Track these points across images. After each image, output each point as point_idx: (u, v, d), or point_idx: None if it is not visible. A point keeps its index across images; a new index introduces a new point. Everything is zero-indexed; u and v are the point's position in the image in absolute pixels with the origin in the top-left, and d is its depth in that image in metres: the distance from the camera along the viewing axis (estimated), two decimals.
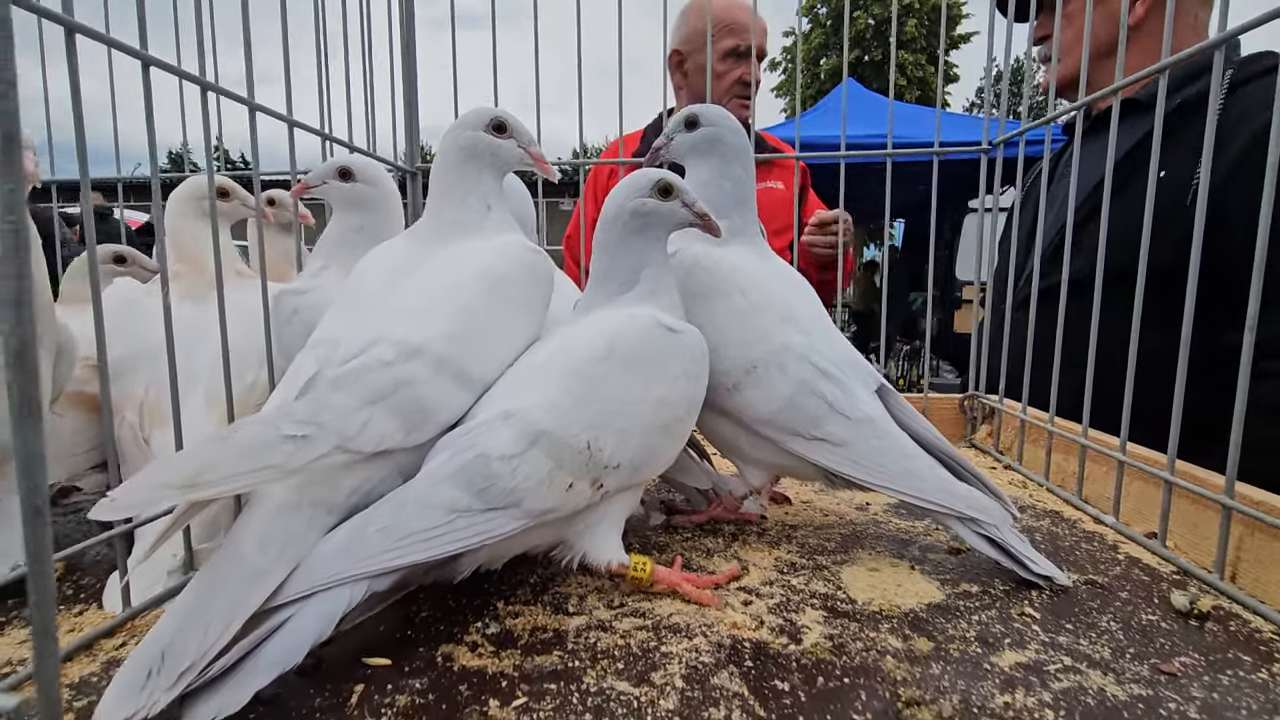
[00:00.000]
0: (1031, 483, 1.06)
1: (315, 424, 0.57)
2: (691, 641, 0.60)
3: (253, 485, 0.54)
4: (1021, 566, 0.69)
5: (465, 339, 0.67)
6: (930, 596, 0.68)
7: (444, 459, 0.62)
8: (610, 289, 0.73)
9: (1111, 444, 0.90)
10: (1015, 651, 0.58)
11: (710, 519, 0.90)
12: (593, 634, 0.61)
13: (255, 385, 0.89)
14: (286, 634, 0.52)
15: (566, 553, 0.68)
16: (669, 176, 0.73)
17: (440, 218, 0.76)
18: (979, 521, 0.72)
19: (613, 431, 0.64)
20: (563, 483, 0.62)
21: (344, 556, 0.55)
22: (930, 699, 0.51)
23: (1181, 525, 0.79)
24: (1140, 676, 0.54)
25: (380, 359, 0.62)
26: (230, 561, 0.55)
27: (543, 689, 0.53)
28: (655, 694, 0.52)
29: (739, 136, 0.88)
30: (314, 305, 0.84)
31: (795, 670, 0.55)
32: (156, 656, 0.49)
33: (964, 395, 1.30)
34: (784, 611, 0.65)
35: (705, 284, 0.81)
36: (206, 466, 0.52)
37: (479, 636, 0.61)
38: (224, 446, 0.54)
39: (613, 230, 0.73)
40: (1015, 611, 0.65)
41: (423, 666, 0.57)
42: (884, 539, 0.84)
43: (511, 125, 0.77)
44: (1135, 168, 0.85)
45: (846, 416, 0.75)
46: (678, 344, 0.69)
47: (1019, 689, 0.52)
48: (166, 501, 0.51)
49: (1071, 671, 0.55)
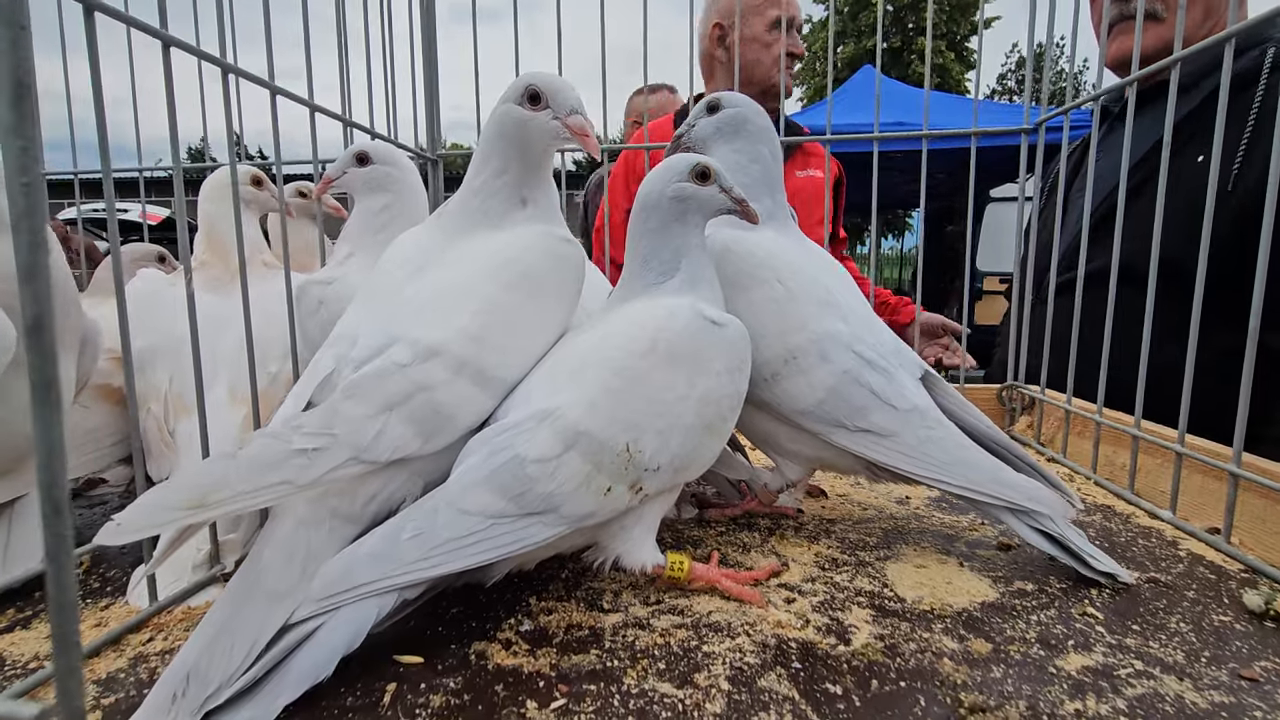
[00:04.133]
0: (1078, 475, 1.02)
1: (327, 435, 0.55)
2: (734, 641, 0.57)
3: (265, 502, 0.52)
4: (1081, 563, 0.66)
5: (486, 338, 0.64)
6: (983, 595, 0.65)
7: (477, 461, 0.59)
8: (648, 278, 0.70)
9: (1167, 435, 0.86)
10: (1081, 654, 0.54)
11: (744, 513, 0.87)
12: (630, 632, 0.59)
13: (279, 377, 0.87)
14: (315, 646, 0.51)
15: (599, 554, 0.65)
16: (707, 160, 0.70)
17: (466, 204, 0.73)
18: (1036, 515, 0.68)
19: (653, 432, 0.61)
20: (601, 486, 0.59)
21: (375, 566, 0.53)
22: (994, 705, 0.48)
23: (1248, 520, 0.74)
24: (1219, 682, 0.51)
25: (396, 361, 0.60)
26: (253, 580, 0.54)
27: (582, 690, 0.51)
28: (700, 696, 0.50)
29: (763, 118, 0.84)
30: (340, 296, 0.82)
31: (847, 673, 0.53)
32: (182, 680, 0.48)
33: (1003, 385, 1.26)
34: (829, 610, 0.62)
35: (740, 271, 0.77)
36: (215, 485, 0.50)
37: (512, 634, 0.59)
38: (233, 463, 0.52)
39: (651, 217, 0.70)
40: (1076, 611, 0.61)
41: (456, 665, 0.55)
42: (928, 534, 0.81)
43: (548, 93, 0.68)
44: (1172, 153, 0.81)
45: (894, 406, 0.71)
46: (721, 338, 0.66)
47: (1089, 695, 0.49)
48: (176, 523, 0.50)
49: (1144, 676, 0.51)
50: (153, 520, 0.49)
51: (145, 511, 0.49)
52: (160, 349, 0.85)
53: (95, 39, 0.56)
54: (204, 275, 0.92)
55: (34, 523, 0.71)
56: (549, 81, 0.69)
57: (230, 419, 0.82)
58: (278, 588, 0.53)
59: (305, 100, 0.88)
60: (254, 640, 0.50)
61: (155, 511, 0.49)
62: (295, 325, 0.79)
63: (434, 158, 1.40)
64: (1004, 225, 5.97)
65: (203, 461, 0.64)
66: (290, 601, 0.53)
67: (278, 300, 0.78)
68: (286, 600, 0.53)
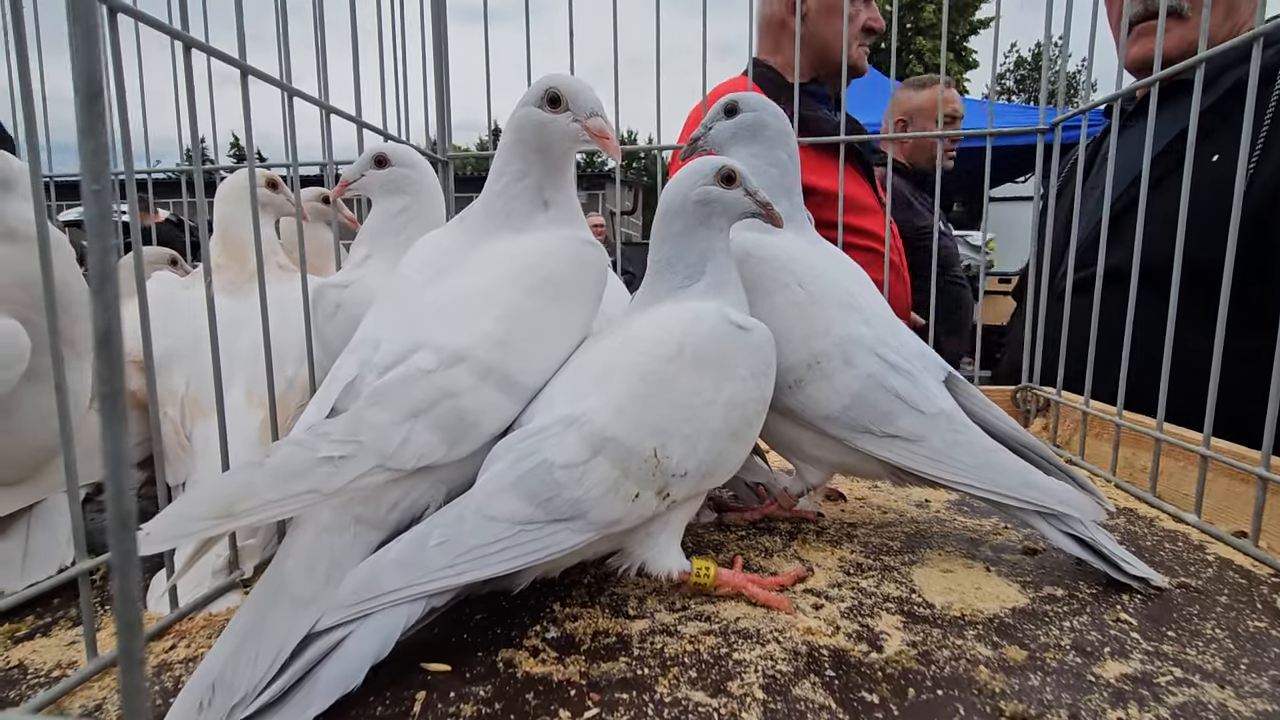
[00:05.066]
0: (1098, 478, 1.01)
1: (353, 443, 0.54)
2: (765, 648, 0.56)
3: (292, 511, 0.52)
4: (1114, 567, 0.65)
5: (511, 343, 0.63)
6: (1013, 600, 0.64)
7: (503, 467, 0.58)
8: (673, 282, 0.69)
9: (1189, 437, 0.85)
10: (1118, 662, 0.54)
11: (764, 517, 0.87)
12: (658, 639, 0.58)
13: (295, 380, 0.86)
14: (343, 656, 0.50)
15: (624, 561, 0.64)
16: (732, 163, 0.69)
17: (488, 207, 0.72)
18: (1066, 518, 0.67)
19: (680, 437, 0.60)
20: (629, 492, 0.59)
21: (403, 573, 0.53)
22: (1036, 714, 0.47)
23: (1274, 523, 0.74)
24: (1261, 690, 0.50)
25: (421, 368, 0.59)
26: (276, 587, 0.53)
27: (614, 699, 0.50)
28: (735, 706, 0.49)
29: (781, 121, 0.83)
30: (357, 299, 0.81)
31: (882, 680, 0.52)
32: (207, 689, 0.47)
33: (1017, 387, 1.25)
34: (858, 616, 0.62)
35: (762, 275, 0.77)
36: (242, 494, 0.50)
37: (539, 641, 0.58)
38: (259, 472, 0.51)
39: (676, 220, 0.69)
40: (1109, 617, 0.61)
41: (484, 673, 0.54)
42: (951, 538, 0.80)
43: (568, 95, 0.68)
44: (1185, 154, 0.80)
45: (920, 410, 0.71)
46: (747, 342, 0.65)
47: (1131, 703, 0.48)
48: (203, 533, 0.49)
49: (1185, 684, 0.51)
50: (180, 530, 0.48)
51: (173, 521, 0.48)
52: (176, 352, 0.84)
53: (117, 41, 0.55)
54: (220, 278, 0.91)
55: (52, 529, 0.71)
56: (569, 84, 0.69)
57: (248, 422, 0.82)
58: (302, 594, 0.53)
59: (320, 101, 0.87)
60: (279, 648, 0.50)
61: (183, 521, 0.48)
62: (311, 328, 0.78)
63: (444, 159, 1.39)
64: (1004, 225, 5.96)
65: (229, 470, 0.63)
66: (315, 608, 0.52)
67: (294, 303, 0.78)
68: (311, 607, 0.52)
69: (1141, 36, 1.30)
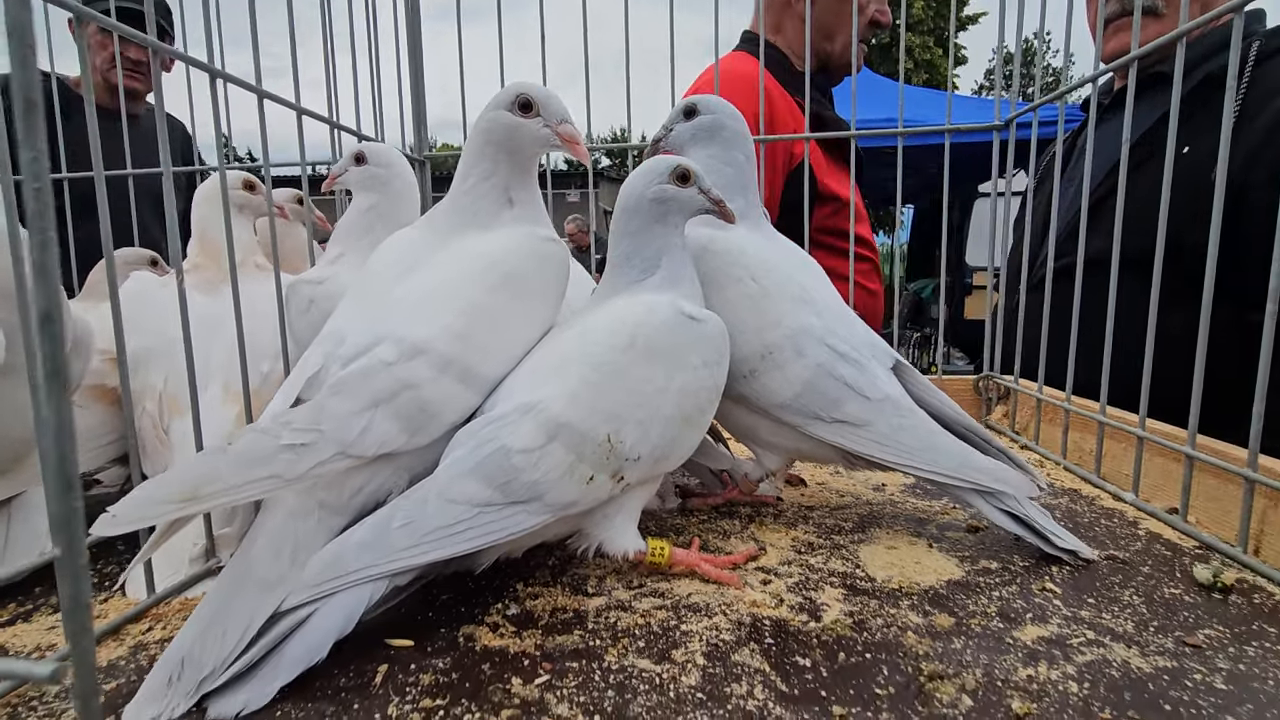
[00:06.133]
0: (1049, 461, 1.05)
1: (315, 431, 0.57)
2: (711, 620, 0.60)
3: (255, 495, 0.54)
4: (1045, 541, 0.69)
5: (471, 336, 0.66)
6: (950, 573, 0.68)
7: (464, 453, 0.61)
8: (630, 276, 0.72)
9: (1130, 420, 0.89)
10: (1037, 626, 0.58)
11: (726, 502, 0.90)
12: (613, 614, 0.62)
13: (270, 376, 0.89)
14: (309, 632, 0.53)
15: (583, 542, 0.68)
16: (686, 163, 0.72)
17: (456, 205, 0.75)
18: (1002, 496, 0.71)
19: (633, 423, 0.64)
20: (584, 475, 0.62)
21: (367, 553, 0.56)
22: (953, 673, 0.51)
23: (1203, 500, 0.78)
24: (1165, 649, 0.54)
25: (382, 359, 0.62)
26: (244, 570, 0.56)
27: (565, 667, 0.53)
28: (677, 671, 0.52)
29: (739, 123, 0.87)
30: (330, 294, 0.84)
31: (816, 647, 0.55)
32: (177, 664, 0.50)
33: (979, 376, 1.29)
34: (803, 590, 0.65)
35: (716, 269, 0.80)
36: (206, 478, 0.52)
37: (500, 618, 0.61)
38: (223, 458, 0.54)
39: (634, 218, 0.72)
40: (1036, 587, 0.64)
41: (445, 647, 0.57)
42: (901, 518, 0.84)
43: (539, 102, 0.71)
44: (1158, 145, 0.83)
45: (866, 397, 0.74)
46: (700, 333, 0.68)
47: (1042, 662, 0.52)
48: (168, 515, 0.52)
49: (1095, 645, 0.55)
50: (146, 512, 0.51)
51: (139, 504, 0.51)
52: (154, 349, 0.86)
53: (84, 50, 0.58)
54: (197, 277, 0.94)
55: (32, 519, 0.73)
56: (539, 91, 0.73)
57: (224, 416, 0.84)
58: (268, 577, 0.56)
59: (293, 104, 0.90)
60: (246, 626, 0.52)
61: (148, 504, 0.51)
62: (285, 324, 0.81)
63: (420, 158, 1.42)
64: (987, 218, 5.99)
65: (194, 456, 0.66)
66: (281, 590, 0.55)
67: (269, 301, 0.80)
68: (277, 588, 0.55)
69: (1118, 32, 1.32)
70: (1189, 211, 0.76)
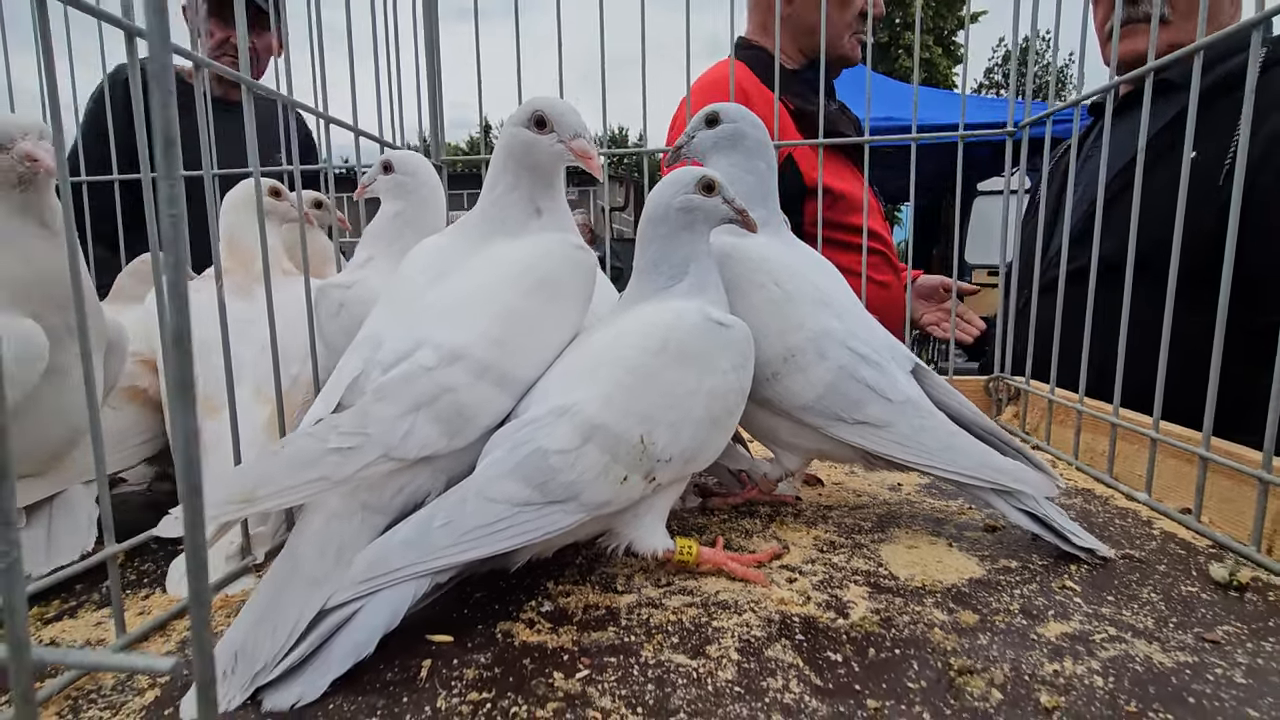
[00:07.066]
0: (1061, 462, 1.07)
1: (361, 434, 0.59)
2: (741, 617, 0.62)
3: (305, 497, 0.57)
4: (1063, 539, 0.71)
5: (507, 341, 0.67)
6: (970, 572, 0.70)
7: (502, 454, 0.63)
8: (658, 282, 0.74)
9: (1143, 422, 0.91)
10: (1060, 623, 0.59)
11: (745, 501, 0.92)
12: (644, 610, 0.63)
13: (299, 379, 0.91)
14: (356, 628, 0.55)
15: (613, 541, 0.69)
16: (710, 174, 0.74)
17: (485, 214, 0.77)
18: (1020, 495, 0.73)
19: (665, 425, 0.65)
20: (618, 476, 0.63)
21: (410, 552, 0.58)
22: (982, 668, 0.53)
23: (1216, 501, 0.80)
24: (1185, 644, 0.56)
25: (422, 365, 0.63)
26: (291, 569, 0.58)
27: (603, 662, 0.55)
28: (713, 665, 0.54)
29: (760, 131, 0.88)
30: (360, 299, 0.85)
31: (846, 643, 0.57)
32: (231, 658, 0.52)
33: (989, 377, 1.31)
34: (828, 588, 0.67)
35: (740, 276, 0.81)
36: (262, 481, 0.55)
37: (535, 614, 0.63)
38: (275, 461, 0.56)
39: (661, 226, 0.74)
40: (1056, 585, 0.66)
41: (484, 643, 0.59)
42: (919, 518, 0.86)
43: (552, 118, 0.73)
44: (1165, 149, 0.84)
45: (888, 399, 0.76)
46: (728, 338, 0.70)
47: (1067, 658, 0.54)
48: (228, 516, 0.55)
49: (1117, 641, 0.56)
50: (208, 513, 0.53)
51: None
52: None
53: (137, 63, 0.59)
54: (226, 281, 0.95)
55: (74, 516, 0.75)
56: (553, 106, 0.74)
57: (255, 418, 0.86)
58: (315, 575, 0.58)
59: (319, 112, 0.92)
60: (295, 622, 0.54)
61: (210, 506, 0.53)
62: (314, 328, 0.83)
63: (437, 163, 1.43)
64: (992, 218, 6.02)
65: (249, 460, 0.68)
66: (327, 587, 0.57)
67: (297, 305, 0.82)
68: (323, 586, 0.57)
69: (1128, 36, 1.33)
70: (1197, 214, 0.78)
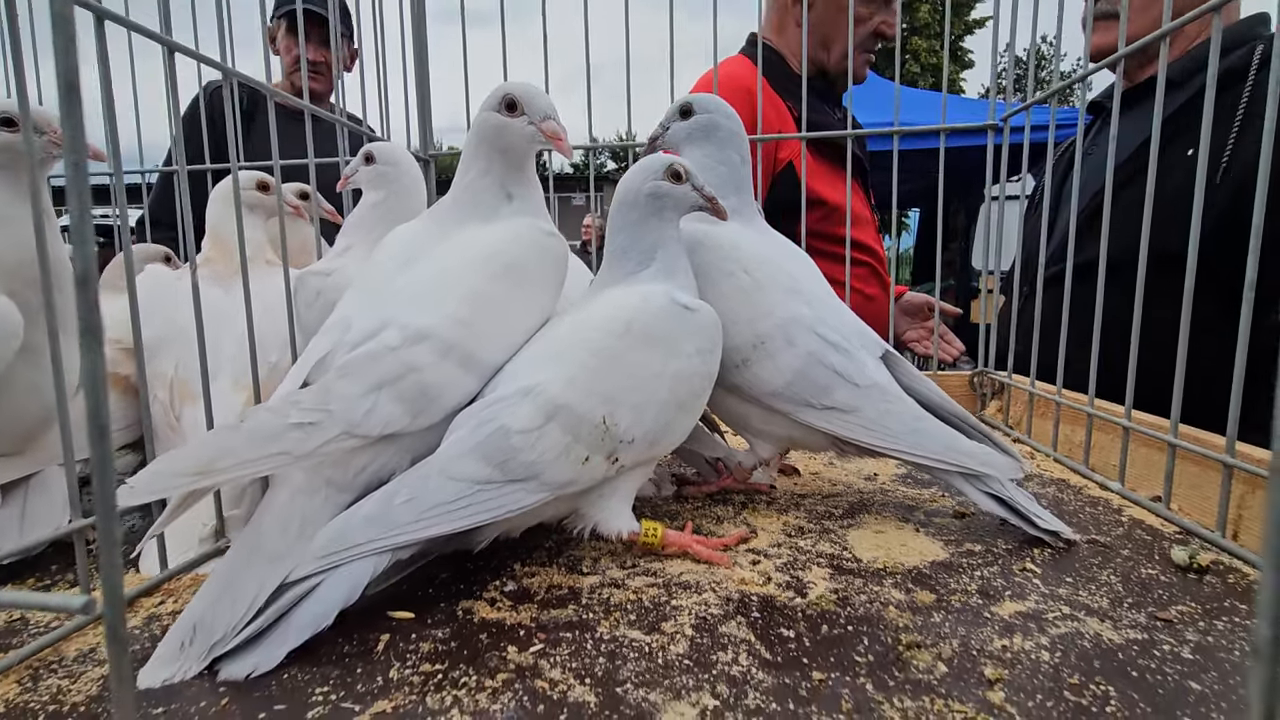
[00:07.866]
0: (1039, 453, 1.07)
1: (322, 411, 0.59)
2: (701, 596, 0.62)
3: (264, 470, 0.57)
4: (1028, 522, 0.71)
5: (473, 323, 0.68)
6: (934, 555, 0.70)
7: (465, 433, 0.64)
8: (627, 267, 0.75)
9: (1117, 412, 0.91)
10: (1015, 602, 0.59)
11: (720, 489, 0.92)
12: (606, 590, 0.64)
13: (278, 366, 0.92)
14: (315, 601, 0.56)
15: (579, 522, 0.70)
16: (679, 161, 0.75)
17: (456, 200, 0.78)
18: (986, 479, 0.73)
19: (628, 407, 0.66)
20: (579, 456, 0.64)
21: (371, 528, 0.58)
22: (930, 643, 0.53)
23: (1185, 488, 0.80)
24: (1136, 623, 0.56)
25: (387, 344, 0.64)
26: (253, 544, 0.59)
27: (558, 637, 0.56)
28: (666, 640, 0.55)
29: (733, 122, 0.89)
30: (337, 286, 0.86)
31: (800, 620, 0.58)
32: (189, 630, 0.53)
33: (974, 371, 1.31)
34: (791, 569, 0.67)
35: (709, 263, 0.82)
36: (220, 454, 0.55)
37: (497, 593, 0.64)
38: (236, 435, 0.57)
39: (631, 212, 0.75)
40: (1017, 567, 0.66)
41: (444, 619, 0.59)
42: (890, 505, 0.86)
43: (523, 101, 0.74)
44: (1162, 145, 0.84)
45: (854, 384, 0.77)
46: (693, 322, 0.71)
47: (1017, 634, 0.54)
48: (183, 487, 0.55)
49: (1069, 619, 0.56)
50: (162, 485, 0.54)
51: (155, 477, 0.54)
52: (166, 338, 0.89)
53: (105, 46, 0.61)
54: (209, 271, 0.97)
55: (48, 496, 0.76)
56: (524, 90, 0.75)
57: (233, 405, 0.87)
58: (277, 549, 0.58)
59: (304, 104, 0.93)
60: (255, 595, 0.55)
61: (165, 477, 0.54)
62: (294, 315, 0.84)
63: (425, 158, 1.45)
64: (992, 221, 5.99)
65: (207, 433, 0.68)
66: (288, 562, 0.57)
67: (278, 294, 0.83)
68: (285, 561, 0.57)
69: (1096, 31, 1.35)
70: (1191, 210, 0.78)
